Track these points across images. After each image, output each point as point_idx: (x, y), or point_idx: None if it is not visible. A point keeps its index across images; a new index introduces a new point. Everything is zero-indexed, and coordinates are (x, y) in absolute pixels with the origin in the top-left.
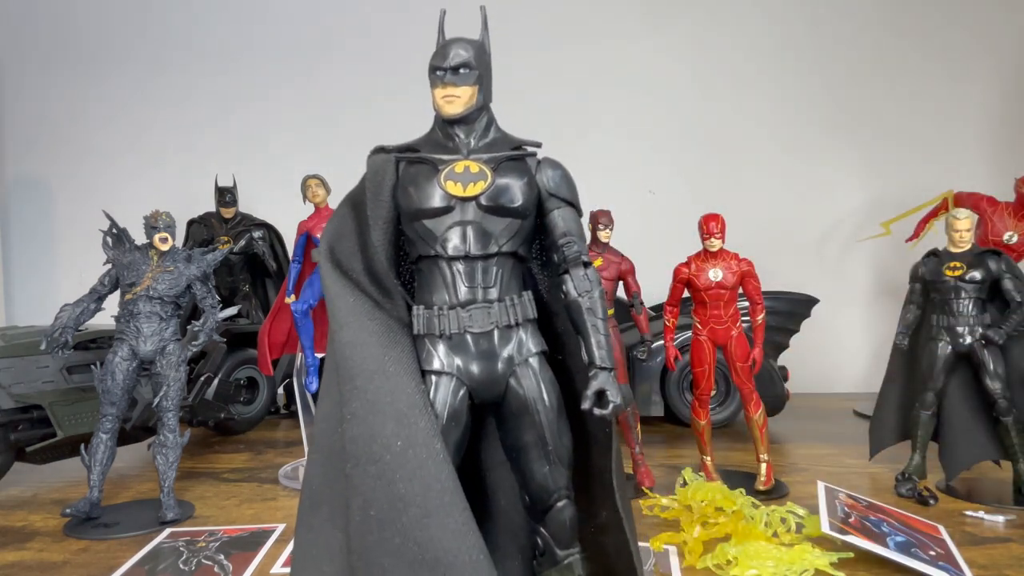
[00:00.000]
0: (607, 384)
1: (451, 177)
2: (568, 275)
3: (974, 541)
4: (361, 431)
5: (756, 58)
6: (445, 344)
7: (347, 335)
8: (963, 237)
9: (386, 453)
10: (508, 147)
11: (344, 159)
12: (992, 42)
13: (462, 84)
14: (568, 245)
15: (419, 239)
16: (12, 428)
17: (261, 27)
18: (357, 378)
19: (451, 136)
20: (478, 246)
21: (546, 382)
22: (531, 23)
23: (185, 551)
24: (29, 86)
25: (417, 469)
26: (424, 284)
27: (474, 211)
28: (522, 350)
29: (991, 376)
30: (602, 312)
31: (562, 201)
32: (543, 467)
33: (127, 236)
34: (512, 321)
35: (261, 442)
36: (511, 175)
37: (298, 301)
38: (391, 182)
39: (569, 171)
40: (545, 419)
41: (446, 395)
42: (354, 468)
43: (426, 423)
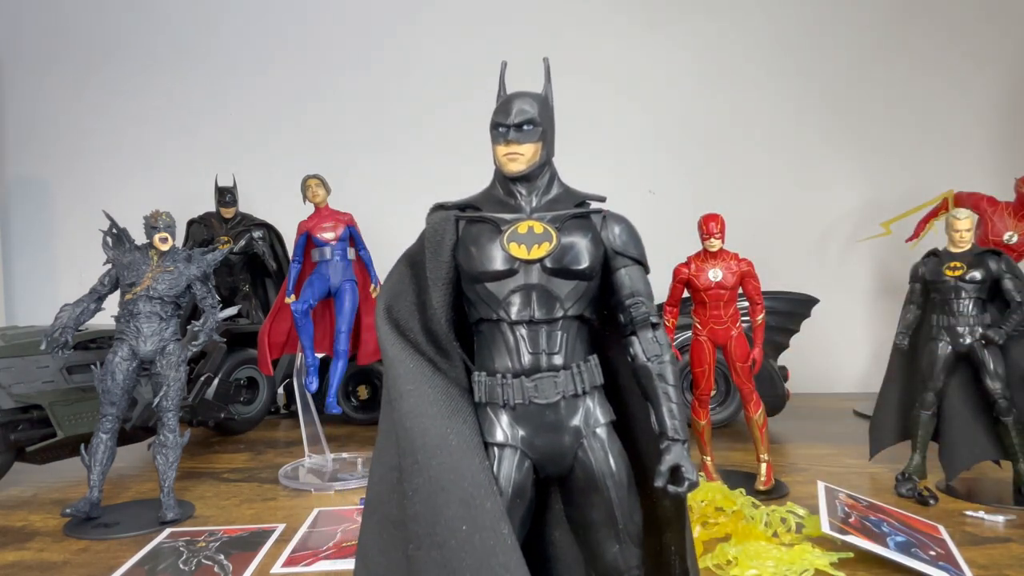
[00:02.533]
0: (681, 459)
1: (514, 239)
2: (636, 337)
3: (974, 541)
4: (424, 510)
5: (757, 58)
6: (508, 415)
7: (407, 405)
8: (963, 237)
9: (451, 538)
10: (571, 203)
11: (344, 159)
12: (992, 42)
13: (526, 141)
14: (636, 306)
15: (480, 302)
16: (12, 428)
17: (261, 27)
18: (419, 452)
19: (513, 193)
20: (543, 310)
21: (615, 455)
22: (531, 23)
23: (185, 551)
24: (29, 86)
25: (485, 557)
26: (485, 349)
27: (538, 274)
28: (590, 421)
29: (991, 376)
30: (673, 378)
31: (629, 259)
32: (613, 546)
33: (127, 236)
34: (579, 390)
35: (261, 442)
36: (576, 234)
37: (298, 301)
38: (451, 241)
39: (635, 227)
40: (615, 495)
41: (510, 470)
42: (416, 551)
43: (492, 505)
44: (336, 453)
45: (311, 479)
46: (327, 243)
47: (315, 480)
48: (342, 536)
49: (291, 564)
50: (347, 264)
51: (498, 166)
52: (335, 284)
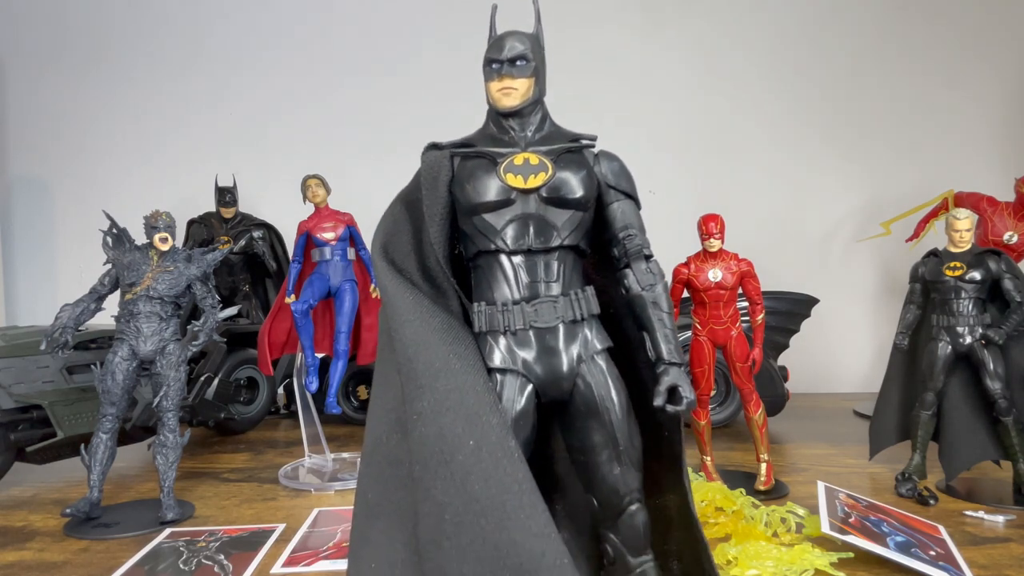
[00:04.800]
0: (679, 379)
1: (511, 169)
2: (630, 269)
3: (974, 541)
4: (429, 431)
5: (757, 58)
6: (509, 340)
7: (409, 332)
8: (963, 237)
9: (458, 453)
10: (565, 140)
11: (344, 159)
12: (992, 43)
13: (519, 76)
14: (629, 239)
15: (478, 234)
16: (12, 428)
17: (262, 27)
18: (422, 376)
19: (506, 129)
20: (540, 239)
21: (614, 380)
22: (532, 25)
23: (185, 551)
24: (30, 86)
25: (492, 469)
26: (483, 280)
27: (535, 203)
28: (588, 347)
29: (991, 376)
30: (667, 306)
31: (621, 194)
32: (614, 469)
33: (127, 236)
34: (578, 316)
35: (261, 442)
36: (571, 167)
37: (298, 301)
38: (447, 177)
39: (627, 165)
40: (615, 419)
41: (512, 393)
42: (423, 471)
43: (498, 420)
44: (336, 453)
45: (311, 479)
46: (327, 243)
47: (315, 480)
48: (342, 536)
49: (291, 564)
50: (347, 264)
51: (491, 103)
52: (335, 284)
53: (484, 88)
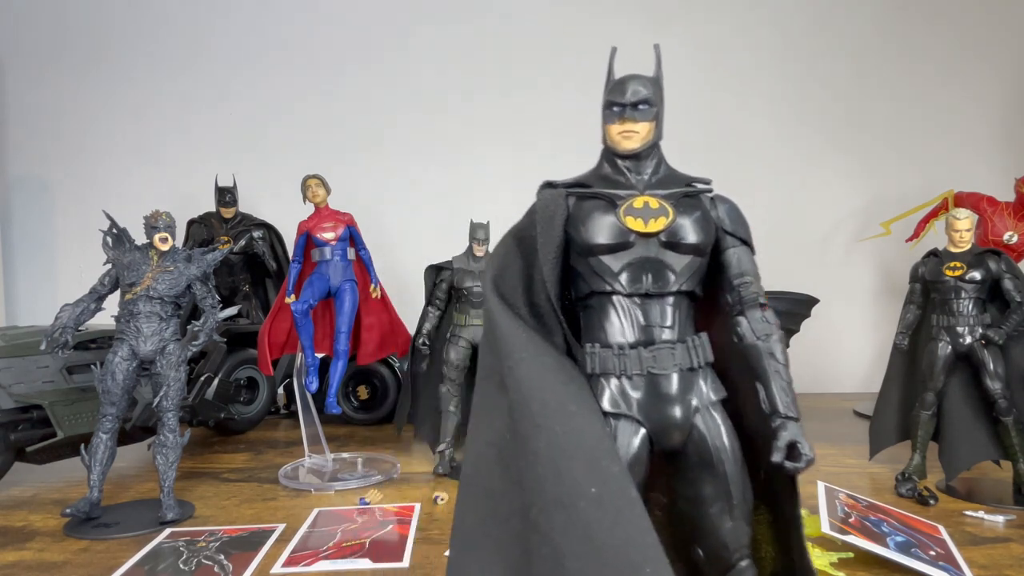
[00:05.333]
0: (797, 435)
1: (631, 212)
2: (744, 317)
3: (974, 541)
4: (547, 472)
5: (757, 58)
6: (624, 384)
7: (523, 371)
8: (963, 237)
9: (580, 500)
10: (681, 183)
11: (344, 159)
12: (992, 43)
13: (641, 120)
14: (745, 286)
15: (593, 275)
16: (12, 428)
17: (262, 27)
18: (538, 416)
19: (623, 171)
20: (657, 283)
21: (729, 431)
22: (532, 24)
23: (185, 551)
24: (30, 86)
25: (616, 518)
26: (595, 321)
27: (655, 247)
28: (704, 396)
29: (991, 376)
30: (783, 357)
31: (738, 240)
32: (725, 523)
33: (127, 236)
34: (695, 364)
35: (261, 442)
36: (689, 212)
37: (298, 301)
38: (563, 217)
39: (741, 209)
40: (730, 471)
41: (626, 439)
42: (541, 515)
43: (619, 469)
44: (336, 453)
45: (311, 479)
46: (327, 243)
47: (315, 480)
48: (342, 536)
49: (291, 564)
50: (347, 264)
51: (611, 145)
52: (335, 284)
53: (602, 129)
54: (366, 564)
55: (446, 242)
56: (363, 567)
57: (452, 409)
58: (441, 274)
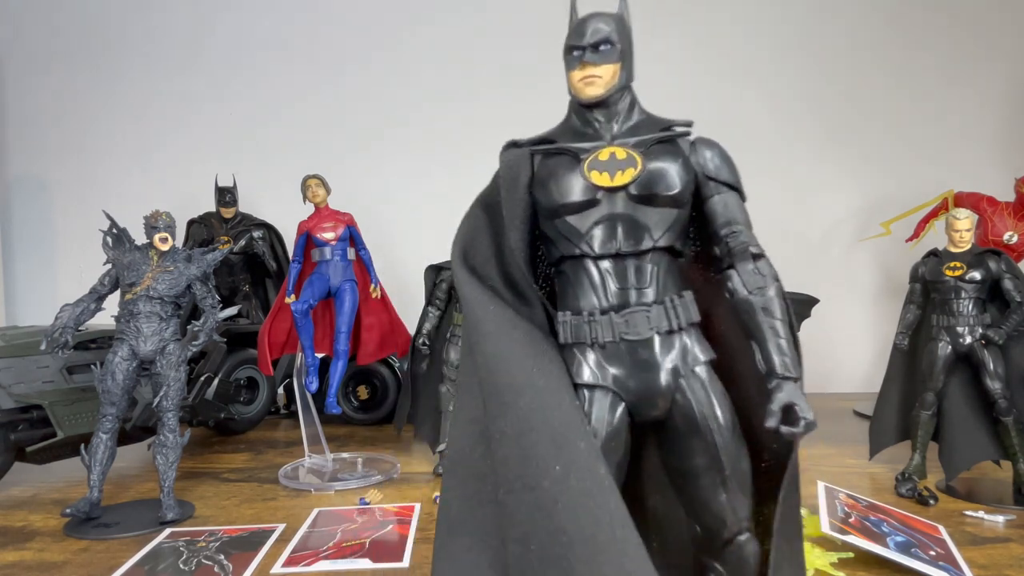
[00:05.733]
0: (795, 396)
1: (595, 166)
2: (734, 270)
3: (974, 541)
4: (512, 452)
5: (757, 57)
6: (598, 354)
7: (490, 346)
8: (963, 237)
9: (543, 479)
10: (656, 129)
11: (344, 159)
12: (993, 43)
13: (603, 63)
14: (733, 236)
15: (561, 238)
16: (12, 428)
17: (262, 27)
18: (504, 393)
19: (590, 122)
20: (630, 242)
21: (718, 396)
22: (533, 22)
23: (185, 551)
24: (30, 86)
25: (581, 498)
26: (568, 288)
27: (623, 202)
28: (687, 359)
29: (991, 376)
30: (780, 311)
31: (723, 185)
32: (719, 495)
33: (127, 236)
34: (674, 325)
35: (261, 442)
36: (663, 159)
37: (298, 301)
38: (527, 178)
39: (728, 152)
40: (720, 439)
41: (602, 412)
42: (507, 495)
43: (586, 445)
44: (336, 453)
45: (311, 479)
46: (327, 243)
47: (315, 480)
48: (342, 536)
49: (291, 564)
50: (347, 264)
51: (574, 93)
52: (335, 284)
53: (565, 77)
54: (366, 564)
55: (446, 242)
56: (363, 567)
57: (452, 409)
58: (441, 274)
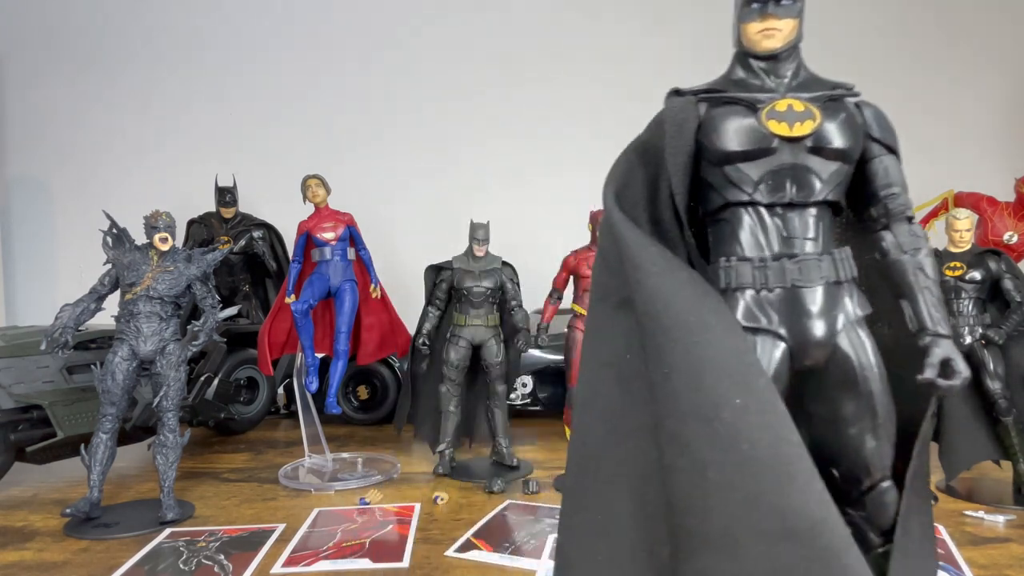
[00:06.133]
0: (951, 352)
1: (774, 116)
2: (889, 231)
3: (974, 541)
4: (686, 384)
5: None
6: (763, 298)
7: (655, 284)
8: (963, 237)
9: (723, 410)
10: (826, 87)
11: (345, 159)
12: (993, 43)
13: (785, 16)
14: (892, 197)
15: (728, 185)
16: (12, 428)
17: (262, 27)
18: (675, 330)
19: (759, 75)
20: (802, 192)
21: (874, 349)
22: (534, 22)
23: (185, 551)
24: (30, 86)
25: (764, 430)
26: (729, 234)
27: (799, 153)
28: (849, 312)
29: (991, 376)
30: (933, 272)
31: (885, 148)
32: (868, 443)
33: (127, 236)
34: (842, 277)
35: (261, 442)
36: (837, 116)
37: (298, 301)
38: (694, 124)
39: (889, 116)
40: (876, 389)
41: (767, 356)
42: (678, 424)
43: (765, 382)
44: (336, 453)
45: (311, 479)
46: (327, 243)
47: (315, 480)
48: (342, 536)
49: (291, 564)
50: (347, 264)
51: (748, 45)
52: (335, 284)
53: (736, 29)
54: (366, 564)
55: (446, 242)
56: (363, 567)
57: (452, 409)
58: (441, 274)
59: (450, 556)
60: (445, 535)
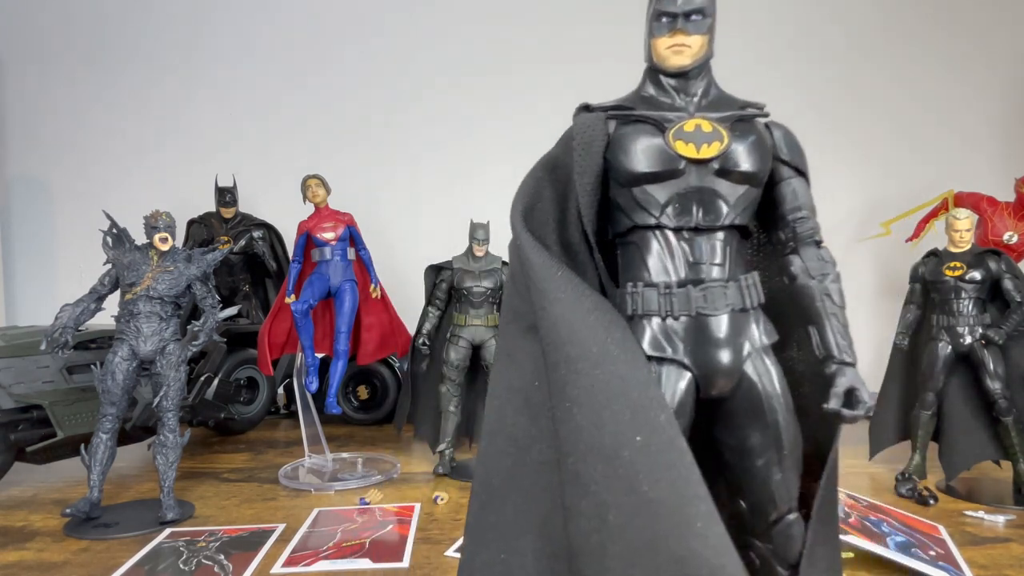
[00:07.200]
0: (856, 381)
1: (681, 136)
2: (797, 255)
3: (974, 541)
4: (587, 421)
5: (756, 58)
6: (669, 327)
7: (559, 311)
8: (963, 237)
9: (623, 449)
10: (735, 107)
11: (344, 159)
12: (993, 43)
13: (694, 32)
14: (801, 221)
15: (636, 207)
16: (12, 428)
17: (262, 27)
18: (578, 361)
19: (668, 92)
20: (708, 216)
21: (779, 377)
22: (534, 22)
23: (185, 551)
24: (30, 86)
25: (665, 471)
26: (636, 259)
27: (706, 176)
28: (755, 340)
29: (991, 376)
30: (840, 299)
31: (794, 170)
32: (774, 475)
33: (127, 236)
34: (747, 304)
35: (261, 442)
36: (745, 137)
37: (298, 301)
38: (602, 142)
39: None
40: (782, 419)
41: (671, 385)
42: (579, 463)
43: (667, 418)
44: (336, 453)
45: (311, 479)
46: (327, 243)
47: (315, 480)
48: (342, 536)
49: (291, 564)
50: (347, 264)
51: (657, 61)
52: (335, 284)
53: (647, 44)
54: (366, 564)
55: (446, 242)
56: (363, 567)
57: (452, 409)
58: (441, 274)
59: (450, 556)
60: (445, 535)
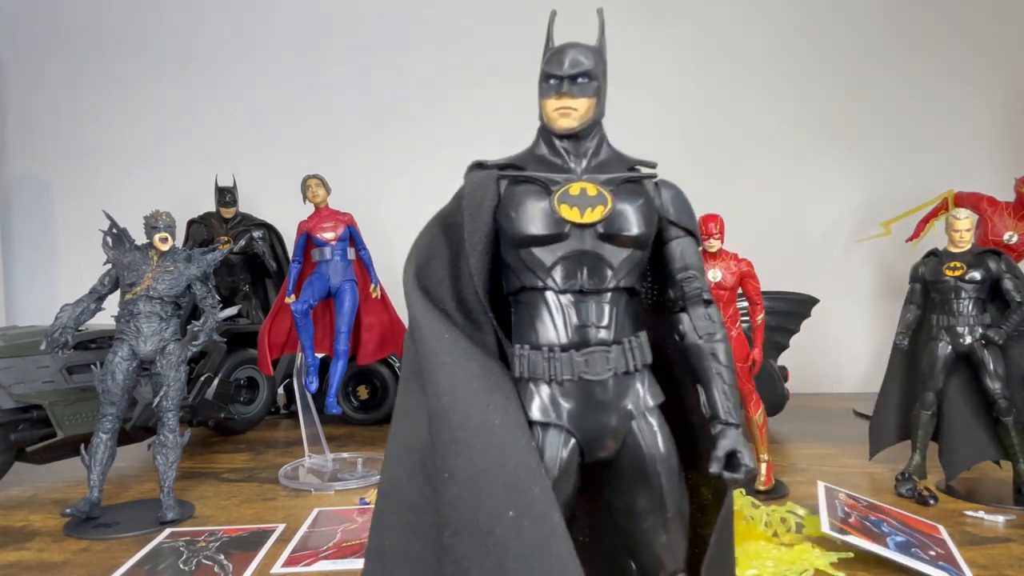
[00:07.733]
0: (738, 444)
1: (566, 200)
2: (686, 314)
3: (974, 541)
4: (464, 494)
5: (757, 58)
6: (554, 390)
7: (444, 377)
8: (963, 237)
9: (495, 525)
10: (623, 167)
11: (344, 159)
12: (993, 43)
13: (580, 95)
14: (688, 281)
15: (524, 268)
16: (12, 428)
17: (262, 27)
18: (457, 431)
19: (559, 153)
20: (593, 280)
21: (666, 440)
22: (531, 21)
23: (185, 551)
24: (30, 86)
25: (534, 548)
26: (526, 320)
27: (590, 239)
28: (640, 402)
29: (991, 376)
30: (726, 358)
31: (682, 231)
32: (660, 537)
33: (127, 236)
34: (631, 367)
35: (261, 442)
36: (631, 200)
37: (298, 301)
38: (492, 202)
39: (687, 196)
40: (666, 482)
41: (555, 450)
42: (454, 538)
43: (541, 490)
44: (336, 453)
45: (311, 479)
46: (327, 243)
47: (315, 480)
48: (342, 536)
49: (291, 564)
50: (347, 264)
51: (546, 122)
52: (335, 284)
53: (538, 104)
54: None
55: None
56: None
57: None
58: None
59: None
60: None
